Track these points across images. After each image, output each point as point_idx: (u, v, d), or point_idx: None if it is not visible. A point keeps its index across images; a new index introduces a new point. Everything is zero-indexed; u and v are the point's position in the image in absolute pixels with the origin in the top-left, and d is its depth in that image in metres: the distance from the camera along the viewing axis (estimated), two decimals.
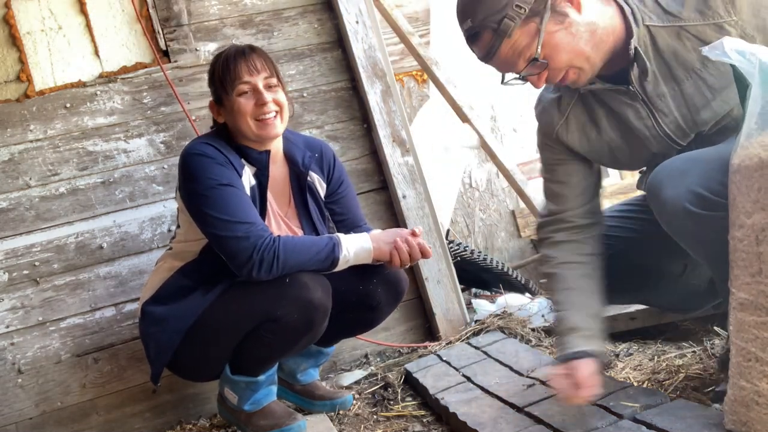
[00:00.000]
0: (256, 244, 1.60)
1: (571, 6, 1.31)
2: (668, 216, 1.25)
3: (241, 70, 1.72)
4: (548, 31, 1.30)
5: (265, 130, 1.73)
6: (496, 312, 2.45)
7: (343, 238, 1.70)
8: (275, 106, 1.74)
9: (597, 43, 1.34)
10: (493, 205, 3.94)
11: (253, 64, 1.73)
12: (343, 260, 1.69)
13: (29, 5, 2.27)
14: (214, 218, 1.64)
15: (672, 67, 1.35)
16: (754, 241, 1.10)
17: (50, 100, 2.25)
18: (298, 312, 1.64)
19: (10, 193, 2.18)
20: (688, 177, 1.21)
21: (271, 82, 1.74)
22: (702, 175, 1.20)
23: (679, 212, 1.21)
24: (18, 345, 2.13)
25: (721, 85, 1.32)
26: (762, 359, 1.11)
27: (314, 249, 1.66)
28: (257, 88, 1.72)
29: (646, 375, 1.68)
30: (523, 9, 1.28)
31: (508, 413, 1.52)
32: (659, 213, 1.28)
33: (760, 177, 1.07)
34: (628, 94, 1.40)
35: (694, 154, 1.28)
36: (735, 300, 1.17)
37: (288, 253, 1.62)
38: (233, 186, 1.68)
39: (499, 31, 1.31)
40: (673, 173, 1.25)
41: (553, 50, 1.32)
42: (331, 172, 1.93)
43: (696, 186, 1.19)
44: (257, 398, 1.78)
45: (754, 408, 1.12)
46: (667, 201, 1.23)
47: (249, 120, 1.72)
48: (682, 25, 1.32)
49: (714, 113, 1.35)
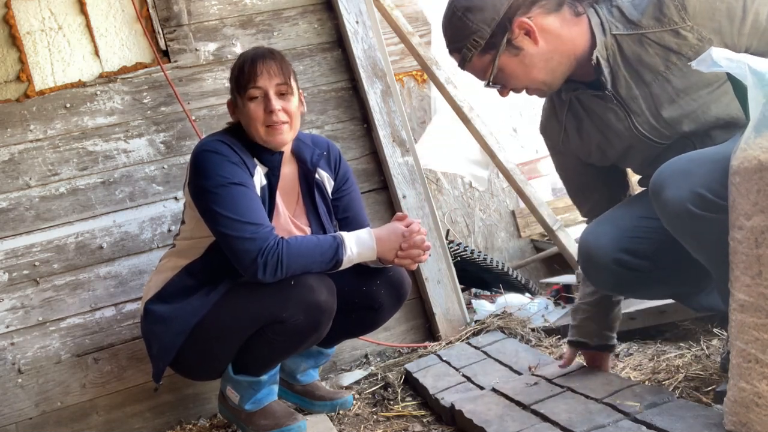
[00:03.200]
0: (261, 246, 1.60)
1: (529, 39, 1.43)
2: (670, 216, 1.27)
3: (254, 75, 1.71)
4: (502, 63, 1.45)
5: (273, 137, 1.73)
6: (496, 312, 2.46)
7: (347, 237, 1.69)
8: (285, 116, 1.72)
9: (553, 68, 1.46)
10: (493, 205, 3.94)
11: (266, 70, 1.71)
12: (347, 260, 1.68)
13: (29, 5, 2.27)
14: (223, 216, 1.64)
15: (639, 71, 1.43)
16: (754, 244, 1.11)
17: (50, 100, 2.25)
18: (304, 314, 1.64)
19: (10, 193, 2.18)
20: (691, 177, 1.24)
21: (283, 89, 1.73)
22: (705, 175, 1.22)
23: (681, 213, 1.24)
24: (18, 345, 2.13)
25: (685, 85, 1.39)
26: (762, 361, 1.11)
27: (318, 251, 1.66)
28: (267, 94, 1.71)
29: (646, 375, 1.68)
30: (479, 43, 1.44)
31: (513, 411, 1.52)
32: (661, 212, 1.30)
33: (759, 179, 1.07)
34: (606, 98, 1.48)
35: (697, 154, 1.30)
36: (735, 301, 1.18)
37: (292, 257, 1.62)
38: (244, 185, 1.67)
39: (462, 55, 1.48)
40: (675, 173, 1.27)
41: (507, 78, 1.48)
42: (338, 169, 1.94)
43: (699, 187, 1.21)
44: (258, 398, 1.78)
45: (754, 409, 1.12)
46: (669, 201, 1.26)
47: (259, 126, 1.72)
48: (642, 32, 1.40)
49: (682, 111, 1.41)
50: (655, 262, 1.43)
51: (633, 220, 1.46)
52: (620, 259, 1.43)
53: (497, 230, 3.91)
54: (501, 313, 2.42)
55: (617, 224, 1.48)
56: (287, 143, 1.77)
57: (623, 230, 1.45)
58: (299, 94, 1.80)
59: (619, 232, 1.45)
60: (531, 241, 3.98)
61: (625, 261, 1.43)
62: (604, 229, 1.48)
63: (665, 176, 1.28)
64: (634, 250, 1.43)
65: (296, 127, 1.77)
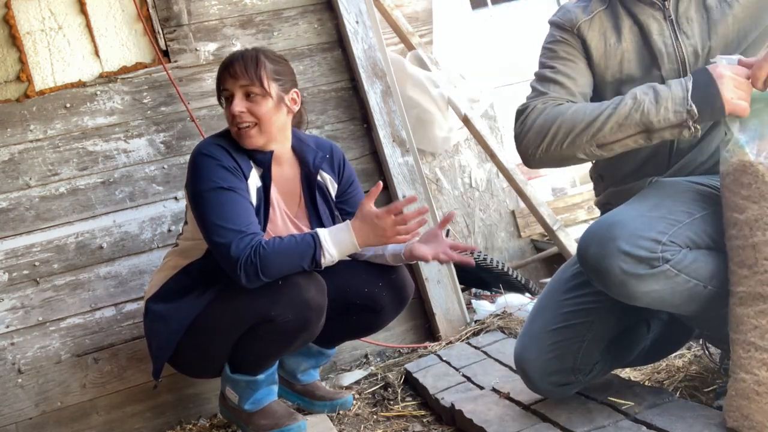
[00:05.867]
0: (239, 255, 1.59)
1: None
2: (616, 287, 1.25)
3: (223, 76, 1.73)
4: None
5: (241, 139, 1.73)
6: (496, 312, 2.46)
7: (323, 238, 1.63)
8: (250, 117, 1.71)
9: None
10: (493, 205, 3.94)
11: (234, 71, 1.71)
12: (327, 262, 1.66)
13: (29, 5, 2.27)
14: (209, 221, 1.65)
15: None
16: (748, 234, 1.16)
17: (50, 100, 2.25)
18: (293, 312, 1.64)
19: (10, 193, 2.18)
20: (614, 240, 1.22)
21: (251, 90, 1.71)
22: (629, 231, 1.22)
23: (621, 279, 1.22)
24: (18, 345, 2.13)
25: (745, 21, 1.36)
26: (761, 347, 1.13)
27: (296, 252, 1.62)
28: (232, 95, 1.72)
29: (646, 375, 1.68)
30: None
31: (513, 411, 1.52)
32: (603, 286, 1.28)
33: (749, 174, 1.16)
34: (656, 8, 1.42)
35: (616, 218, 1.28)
36: (734, 297, 1.19)
37: (268, 261, 1.59)
38: (234, 191, 1.67)
39: None
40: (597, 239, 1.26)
41: None
42: (341, 171, 1.93)
43: (624, 245, 1.21)
44: (258, 398, 1.78)
45: (755, 399, 1.13)
46: (604, 271, 1.23)
47: (231, 127, 1.74)
48: None
49: (726, 45, 1.38)
50: (582, 371, 1.44)
51: (552, 336, 1.43)
52: (553, 382, 1.44)
53: (497, 230, 3.90)
54: (501, 313, 2.42)
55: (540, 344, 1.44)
56: (257, 146, 1.75)
57: (546, 350, 1.42)
58: (285, 97, 1.77)
59: (542, 354, 1.42)
60: (531, 241, 3.97)
61: (558, 381, 1.44)
62: (531, 355, 1.44)
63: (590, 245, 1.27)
64: (561, 370, 1.42)
65: (269, 131, 1.74)
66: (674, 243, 1.22)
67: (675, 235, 1.22)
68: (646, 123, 1.27)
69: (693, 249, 1.24)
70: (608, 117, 1.31)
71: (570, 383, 1.45)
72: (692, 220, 1.26)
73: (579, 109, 1.36)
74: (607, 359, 1.48)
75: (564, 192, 4.12)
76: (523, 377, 1.48)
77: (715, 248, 1.26)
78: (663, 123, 1.26)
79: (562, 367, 1.43)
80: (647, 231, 1.22)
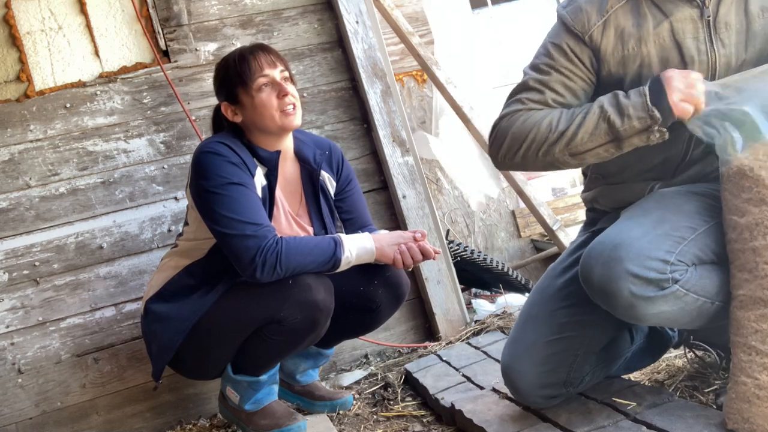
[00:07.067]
0: (260, 245, 1.60)
1: None
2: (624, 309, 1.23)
3: (260, 64, 1.75)
4: None
5: (288, 120, 1.75)
6: (496, 312, 2.46)
7: (345, 240, 1.70)
8: (294, 98, 1.78)
9: None
10: (493, 205, 3.94)
11: (269, 59, 1.77)
12: (345, 261, 1.68)
13: (29, 5, 2.27)
14: (222, 216, 1.64)
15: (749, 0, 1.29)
16: (748, 237, 1.16)
17: (50, 100, 2.25)
18: (302, 313, 1.64)
19: (10, 193, 2.18)
20: (620, 262, 1.20)
21: (286, 75, 1.79)
22: (635, 252, 1.20)
23: (631, 302, 1.20)
24: (18, 345, 2.13)
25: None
26: (762, 351, 1.13)
27: (317, 251, 1.66)
28: (276, 80, 1.75)
29: (646, 375, 1.68)
30: None
31: (514, 411, 1.52)
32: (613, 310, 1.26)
33: (749, 178, 1.16)
34: (694, 5, 1.30)
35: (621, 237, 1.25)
36: (735, 301, 1.19)
37: (291, 256, 1.62)
38: (244, 185, 1.68)
39: None
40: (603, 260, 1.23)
41: None
42: (340, 170, 1.94)
43: (631, 266, 1.18)
44: (258, 398, 1.78)
45: (755, 402, 1.13)
46: (610, 293, 1.21)
47: (274, 112, 1.74)
48: None
49: (758, 61, 1.28)
50: (573, 383, 1.44)
51: (546, 348, 1.41)
52: (544, 395, 1.43)
53: (497, 230, 3.90)
54: (501, 313, 2.42)
55: (533, 356, 1.42)
56: (298, 127, 1.80)
57: (540, 362, 1.41)
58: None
59: (536, 366, 1.41)
60: (531, 241, 3.98)
61: (549, 394, 1.44)
62: (523, 366, 1.43)
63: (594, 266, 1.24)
64: (554, 383, 1.42)
65: (301, 113, 1.81)
66: (681, 262, 1.20)
67: (681, 254, 1.20)
68: (614, 132, 1.27)
69: (698, 265, 1.23)
70: (579, 126, 1.30)
71: (559, 395, 1.44)
72: (696, 235, 1.24)
73: (554, 118, 1.34)
74: (596, 371, 1.47)
75: (564, 192, 4.12)
76: (511, 388, 1.46)
77: (718, 262, 1.25)
78: (629, 131, 1.25)
79: (556, 380, 1.41)
80: (654, 251, 1.19)
